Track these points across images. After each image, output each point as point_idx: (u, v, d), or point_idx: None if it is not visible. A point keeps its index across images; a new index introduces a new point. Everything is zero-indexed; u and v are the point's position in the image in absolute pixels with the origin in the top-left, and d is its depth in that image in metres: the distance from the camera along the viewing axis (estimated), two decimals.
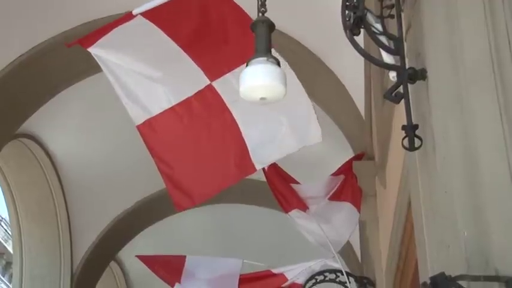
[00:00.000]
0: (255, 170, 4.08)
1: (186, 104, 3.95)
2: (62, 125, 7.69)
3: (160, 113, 3.96)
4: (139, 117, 3.96)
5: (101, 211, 8.69)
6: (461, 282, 1.91)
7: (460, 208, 2.04)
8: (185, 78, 3.94)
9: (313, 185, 5.98)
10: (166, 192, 9.74)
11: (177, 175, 4.09)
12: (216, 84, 3.91)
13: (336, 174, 5.88)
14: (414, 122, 2.44)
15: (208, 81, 3.91)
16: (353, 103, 5.84)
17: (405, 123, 2.45)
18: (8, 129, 6.71)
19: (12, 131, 6.81)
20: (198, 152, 4.09)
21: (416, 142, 2.40)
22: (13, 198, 8.10)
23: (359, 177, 5.61)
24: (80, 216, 8.46)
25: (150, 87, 3.97)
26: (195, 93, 3.93)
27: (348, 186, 5.73)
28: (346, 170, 5.79)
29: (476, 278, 1.84)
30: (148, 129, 3.99)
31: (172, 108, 3.96)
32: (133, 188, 8.76)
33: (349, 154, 6.05)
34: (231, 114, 3.93)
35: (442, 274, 1.90)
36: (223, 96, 3.91)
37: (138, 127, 3.98)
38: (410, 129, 2.41)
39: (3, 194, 8.16)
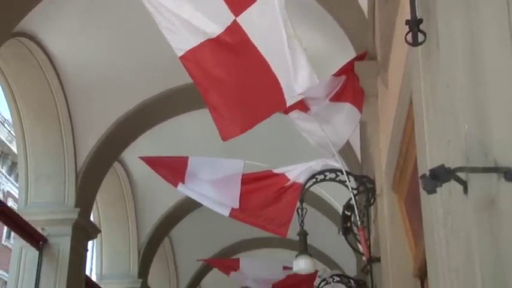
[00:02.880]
0: (285, 106, 4.19)
1: (219, 40, 4.02)
2: (61, 24, 7.57)
3: (199, 45, 4.03)
4: (181, 47, 4.04)
5: (103, 112, 8.72)
6: (460, 174, 1.94)
7: (462, 102, 2.05)
8: (215, 14, 3.99)
9: (313, 85, 5.94)
10: (168, 94, 9.78)
11: (221, 106, 4.17)
12: (240, 19, 3.94)
13: (337, 74, 5.83)
14: (418, 16, 2.40)
15: (233, 17, 3.94)
16: (356, 1, 5.73)
17: (409, 18, 2.41)
18: (6, 26, 6.59)
19: (10, 28, 6.70)
20: (237, 85, 4.17)
21: (420, 37, 2.37)
22: (14, 99, 8.10)
23: (361, 77, 5.56)
24: (82, 116, 8.50)
25: (186, 20, 4.02)
26: (225, 30, 3.98)
27: (349, 87, 5.69)
28: (347, 70, 5.73)
29: (475, 170, 1.87)
30: (191, 60, 4.07)
31: (209, 41, 4.02)
32: (135, 89, 8.75)
33: (351, 54, 5.99)
34: (257, 50, 3.97)
35: (442, 166, 1.92)
36: (247, 32, 3.93)
37: (181, 58, 4.06)
38: (414, 24, 2.38)
39: (5, 95, 8.16)
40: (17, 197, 9.90)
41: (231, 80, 4.18)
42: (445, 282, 2.34)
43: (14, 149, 17.85)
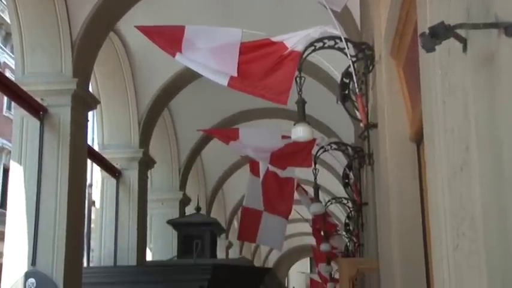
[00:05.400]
0: None
1: None
2: None
3: None
4: None
5: None
6: (459, 31, 1.91)
7: None
8: None
9: None
10: None
11: None
12: None
13: None
14: None
15: None
16: None
17: None
18: None
19: None
20: None
21: None
22: None
23: None
24: None
25: None
26: None
27: None
28: None
29: (475, 26, 1.83)
30: None
31: None
32: None
33: None
34: None
35: (441, 23, 1.88)
36: None
37: None
38: None
39: None
40: (13, 68, 9.84)
41: None
42: (440, 142, 2.38)
43: (8, 18, 17.53)
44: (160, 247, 13.76)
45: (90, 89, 9.82)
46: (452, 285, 2.20)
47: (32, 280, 7.76)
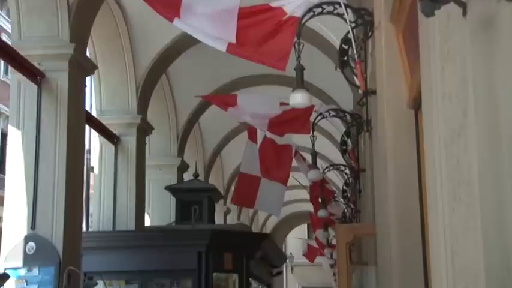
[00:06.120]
0: None
1: None
2: None
3: None
4: None
5: None
6: None
7: None
8: None
9: None
10: None
11: None
12: None
13: None
14: None
15: None
16: None
17: None
18: None
19: None
20: None
21: None
22: None
23: None
24: None
25: None
26: None
27: None
28: None
29: None
30: None
31: None
32: None
33: None
34: None
35: None
36: None
37: None
38: None
39: None
40: (10, 31, 9.78)
41: None
42: (438, 108, 2.38)
43: None
44: (158, 213, 13.85)
45: (88, 55, 9.77)
46: (448, 248, 2.23)
47: (31, 244, 7.83)
